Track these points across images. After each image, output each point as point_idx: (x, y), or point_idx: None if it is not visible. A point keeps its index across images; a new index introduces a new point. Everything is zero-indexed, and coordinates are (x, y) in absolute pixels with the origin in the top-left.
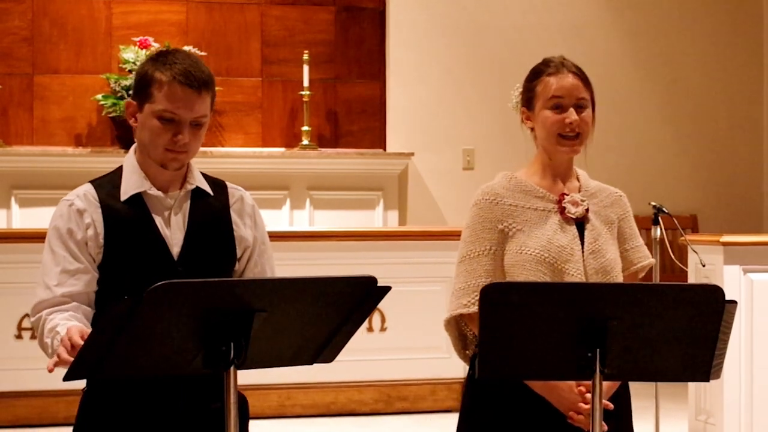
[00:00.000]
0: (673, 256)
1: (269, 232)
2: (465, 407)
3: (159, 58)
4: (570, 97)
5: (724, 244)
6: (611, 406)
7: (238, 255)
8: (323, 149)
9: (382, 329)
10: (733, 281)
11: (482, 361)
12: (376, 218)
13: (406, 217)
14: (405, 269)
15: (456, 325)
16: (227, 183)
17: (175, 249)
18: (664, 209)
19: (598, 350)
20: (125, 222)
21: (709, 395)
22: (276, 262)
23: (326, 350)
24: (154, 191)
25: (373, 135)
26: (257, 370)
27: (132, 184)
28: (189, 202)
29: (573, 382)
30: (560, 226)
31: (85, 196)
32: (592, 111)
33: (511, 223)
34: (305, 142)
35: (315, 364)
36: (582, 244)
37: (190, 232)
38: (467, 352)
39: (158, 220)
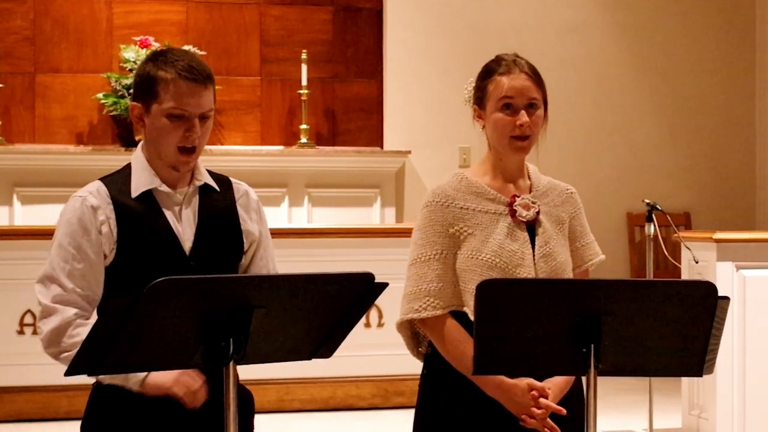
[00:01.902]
0: (666, 253)
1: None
2: (419, 406)
3: (158, 58)
4: (521, 97)
5: (717, 241)
6: (564, 411)
7: (245, 249)
8: (321, 147)
9: (380, 325)
10: (725, 278)
11: (478, 358)
12: (373, 215)
13: (403, 215)
14: (402, 266)
15: (408, 325)
16: (231, 179)
17: (187, 244)
18: (657, 206)
19: (592, 346)
20: (138, 218)
21: (702, 390)
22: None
23: (324, 346)
24: (164, 188)
25: (371, 133)
26: (256, 365)
27: (142, 180)
28: (197, 197)
29: (527, 385)
30: (511, 230)
31: (98, 192)
32: (544, 110)
33: (462, 226)
34: (303, 140)
35: (313, 360)
36: (533, 247)
37: (200, 228)
38: (420, 349)
39: (169, 216)
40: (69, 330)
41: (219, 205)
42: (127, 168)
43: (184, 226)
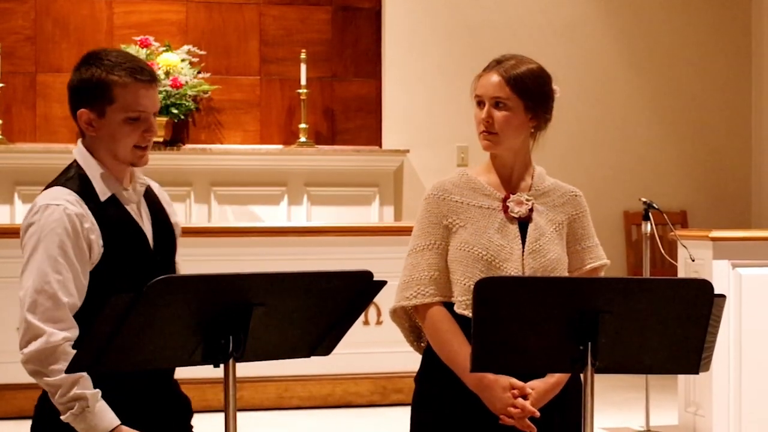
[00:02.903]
0: (663, 251)
1: (267, 228)
2: (415, 404)
3: (103, 61)
4: (486, 95)
5: (713, 239)
6: (537, 414)
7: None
8: (320, 146)
9: (378, 323)
10: (721, 276)
11: (475, 356)
12: (371, 214)
13: (401, 213)
14: (400, 264)
15: (406, 316)
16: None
17: (150, 241)
18: (654, 205)
19: (589, 343)
20: (114, 221)
21: (698, 387)
22: (274, 258)
23: (323, 343)
24: (122, 189)
25: (369, 132)
26: (255, 363)
27: (105, 183)
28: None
29: (508, 384)
30: (502, 225)
31: (74, 200)
32: (524, 114)
33: (455, 219)
34: (302, 139)
35: (312, 357)
36: (523, 243)
37: (154, 224)
38: (422, 344)
39: (134, 215)
40: (53, 356)
41: (155, 201)
42: (76, 171)
43: (145, 223)
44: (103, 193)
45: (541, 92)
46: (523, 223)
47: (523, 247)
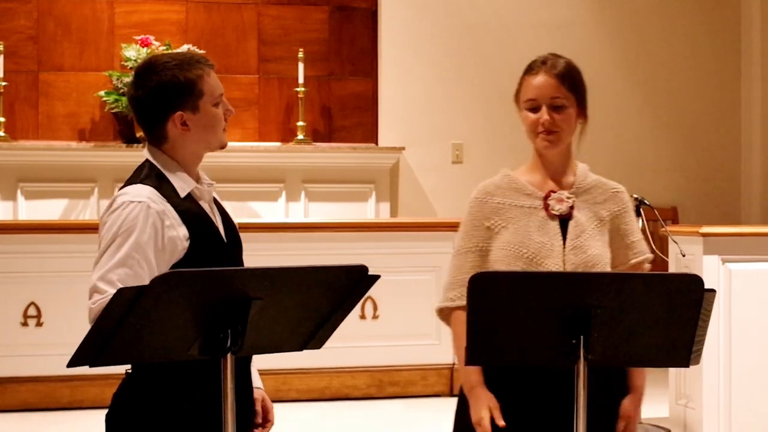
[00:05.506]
0: (654, 247)
1: (266, 224)
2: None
3: (169, 63)
4: (542, 97)
5: (704, 235)
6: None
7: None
8: (317, 144)
9: (375, 317)
10: (712, 271)
11: (470, 349)
12: (368, 210)
13: (397, 209)
14: (396, 259)
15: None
16: None
17: (223, 237)
18: (645, 201)
19: (582, 337)
20: (195, 216)
21: (688, 380)
22: (272, 253)
23: (316, 337)
24: (199, 186)
25: (366, 130)
26: (254, 357)
27: (184, 180)
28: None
29: (494, 404)
30: (543, 222)
31: (155, 196)
32: (576, 110)
33: (497, 220)
34: (300, 136)
35: (309, 351)
36: (564, 240)
37: (224, 221)
38: None
39: (208, 212)
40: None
41: (217, 201)
42: (152, 170)
43: (217, 220)
44: (182, 189)
45: (583, 86)
46: (564, 220)
47: (564, 244)
